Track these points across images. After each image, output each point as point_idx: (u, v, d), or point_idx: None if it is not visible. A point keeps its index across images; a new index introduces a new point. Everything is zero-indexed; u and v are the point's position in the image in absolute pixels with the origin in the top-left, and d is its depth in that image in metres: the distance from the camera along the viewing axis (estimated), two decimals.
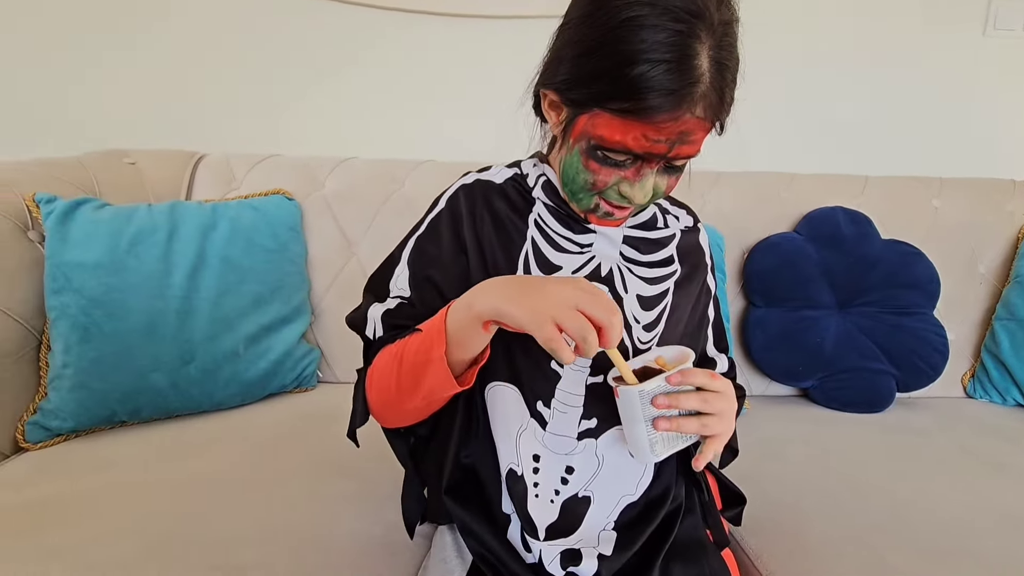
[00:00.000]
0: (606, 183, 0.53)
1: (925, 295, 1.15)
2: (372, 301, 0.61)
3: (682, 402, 0.49)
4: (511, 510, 0.57)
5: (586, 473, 0.57)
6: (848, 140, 1.52)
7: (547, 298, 0.46)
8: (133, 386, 0.90)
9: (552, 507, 0.56)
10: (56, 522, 0.68)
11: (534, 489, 0.56)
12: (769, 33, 1.43)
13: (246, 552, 0.64)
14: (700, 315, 0.67)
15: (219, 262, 1.00)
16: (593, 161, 0.52)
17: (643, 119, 0.47)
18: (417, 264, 0.60)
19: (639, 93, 0.46)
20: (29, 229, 0.92)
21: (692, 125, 0.48)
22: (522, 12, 1.38)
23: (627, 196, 0.53)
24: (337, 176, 1.23)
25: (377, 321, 0.59)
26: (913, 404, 1.17)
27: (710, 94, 0.47)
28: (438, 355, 0.50)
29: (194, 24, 1.35)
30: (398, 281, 0.60)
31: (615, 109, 0.48)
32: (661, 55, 0.45)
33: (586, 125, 0.50)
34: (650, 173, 0.52)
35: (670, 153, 0.49)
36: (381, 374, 0.57)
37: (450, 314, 0.51)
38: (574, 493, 0.57)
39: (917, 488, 0.82)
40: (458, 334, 0.50)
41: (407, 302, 0.59)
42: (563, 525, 0.56)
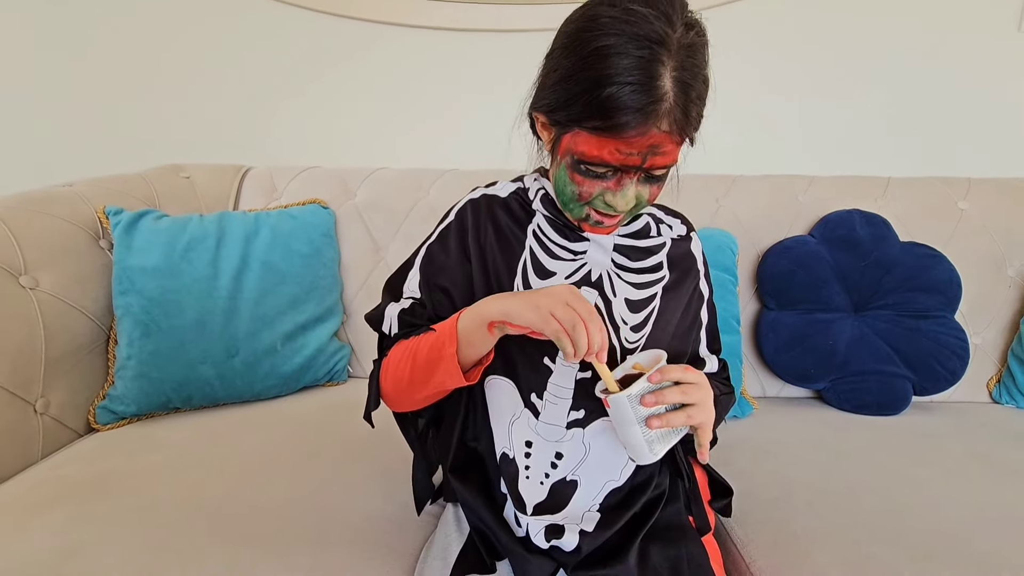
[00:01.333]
0: (591, 193, 0.58)
1: (945, 298, 1.14)
2: (389, 300, 0.69)
3: (666, 396, 0.54)
4: (506, 491, 0.63)
5: (574, 459, 0.62)
6: (872, 141, 1.50)
7: (546, 296, 0.53)
8: (185, 376, 1.01)
9: (542, 488, 0.62)
10: (122, 491, 0.79)
11: (525, 472, 0.63)
12: (794, 33, 1.44)
13: (277, 522, 0.73)
14: (692, 318, 0.71)
15: (260, 266, 1.10)
16: (577, 174, 0.57)
17: (615, 135, 0.52)
18: (428, 270, 0.68)
19: (609, 112, 0.51)
20: (100, 238, 1.05)
21: (660, 139, 0.52)
22: (537, 26, 1.44)
23: (611, 204, 0.58)
24: (368, 186, 1.32)
25: (393, 319, 0.67)
26: (932, 408, 1.15)
27: (674, 110, 0.52)
28: (450, 353, 0.57)
29: (238, 50, 1.49)
30: (410, 283, 0.68)
31: (591, 127, 0.53)
32: (627, 78, 0.50)
33: (569, 143, 0.56)
34: (630, 183, 0.57)
35: (644, 164, 0.54)
36: (396, 366, 0.64)
37: (461, 318, 0.58)
38: (562, 477, 0.62)
39: (915, 488, 0.83)
40: (468, 336, 0.57)
41: (419, 302, 0.66)
42: (551, 504, 0.62)
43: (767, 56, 1.46)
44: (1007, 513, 0.77)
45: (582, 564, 0.60)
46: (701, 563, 0.61)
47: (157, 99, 1.52)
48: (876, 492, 0.81)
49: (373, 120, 1.53)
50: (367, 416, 0.69)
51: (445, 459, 0.68)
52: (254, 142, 1.55)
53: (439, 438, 0.72)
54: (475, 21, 1.45)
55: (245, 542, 0.69)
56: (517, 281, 0.64)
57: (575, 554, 0.60)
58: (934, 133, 1.48)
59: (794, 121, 1.50)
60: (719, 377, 0.74)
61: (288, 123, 1.54)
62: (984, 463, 0.90)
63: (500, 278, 0.65)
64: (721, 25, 1.47)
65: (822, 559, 0.68)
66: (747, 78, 1.47)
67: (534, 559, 0.60)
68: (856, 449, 0.96)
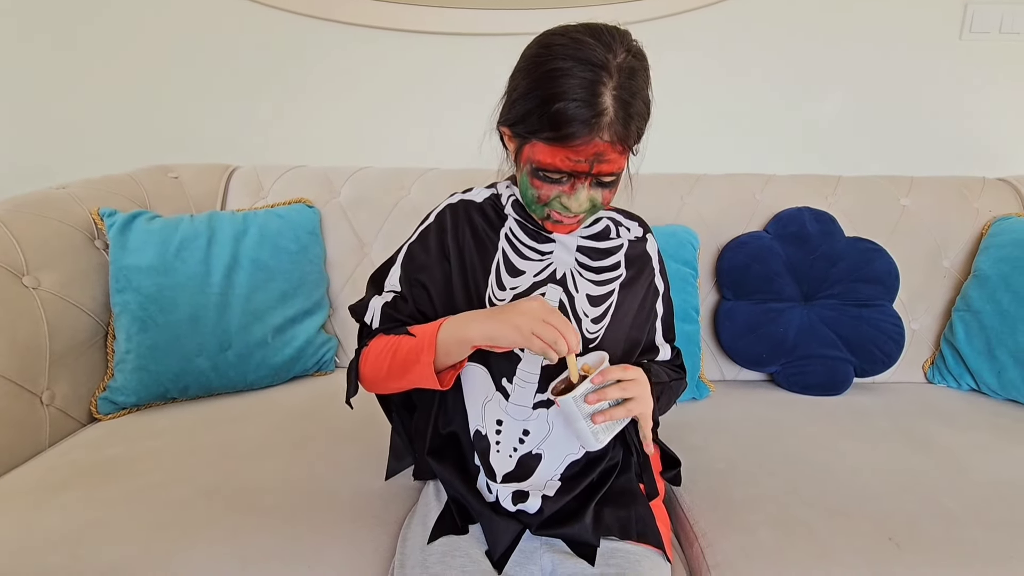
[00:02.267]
0: (549, 196, 0.66)
1: (884, 288, 1.24)
2: (373, 293, 0.77)
3: (607, 394, 0.63)
4: (479, 463, 0.72)
5: (539, 435, 0.71)
6: (830, 141, 1.60)
7: (523, 315, 0.61)
8: (182, 368, 1.08)
9: (511, 461, 0.71)
10: (125, 474, 0.86)
11: (496, 446, 0.71)
12: (754, 36, 1.53)
13: (271, 498, 0.81)
14: (647, 311, 0.79)
15: (250, 263, 1.17)
16: (536, 179, 0.65)
17: (564, 144, 0.60)
18: (409, 267, 0.75)
19: (558, 124, 0.59)
20: (95, 238, 1.10)
21: (603, 148, 0.60)
22: (513, 30, 1.51)
23: (567, 206, 0.66)
24: (351, 185, 1.39)
25: (377, 311, 0.74)
26: (871, 388, 1.27)
27: (615, 124, 0.60)
28: (426, 360, 0.65)
29: (222, 52, 1.53)
30: (392, 279, 0.76)
31: (544, 138, 0.61)
32: (573, 95, 0.58)
33: (528, 152, 0.64)
34: (582, 187, 0.64)
35: (592, 170, 0.62)
36: (376, 358, 0.72)
37: (443, 331, 0.65)
38: (529, 450, 0.71)
39: (840, 458, 0.94)
40: (447, 348, 0.65)
41: (400, 296, 0.74)
42: (518, 474, 0.71)
43: (732, 59, 1.55)
44: (914, 478, 0.89)
45: (544, 524, 0.69)
46: (648, 523, 0.71)
47: (143, 99, 1.56)
48: (807, 462, 0.92)
49: (356, 120, 1.59)
50: (348, 401, 0.77)
51: (423, 444, 0.77)
52: (239, 141, 1.60)
53: (415, 425, 0.81)
54: (453, 25, 1.51)
55: (245, 516, 0.77)
56: (491, 279, 0.72)
57: (538, 516, 0.69)
58: (884, 133, 1.58)
59: (759, 121, 1.59)
60: (672, 364, 0.83)
61: (272, 123, 1.59)
62: (905, 436, 1.02)
63: (476, 275, 0.73)
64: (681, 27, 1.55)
65: (754, 519, 0.78)
66: (713, 80, 1.56)
67: (502, 521, 0.69)
68: (797, 426, 1.06)
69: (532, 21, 1.51)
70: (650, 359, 0.79)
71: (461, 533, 0.70)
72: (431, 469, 0.77)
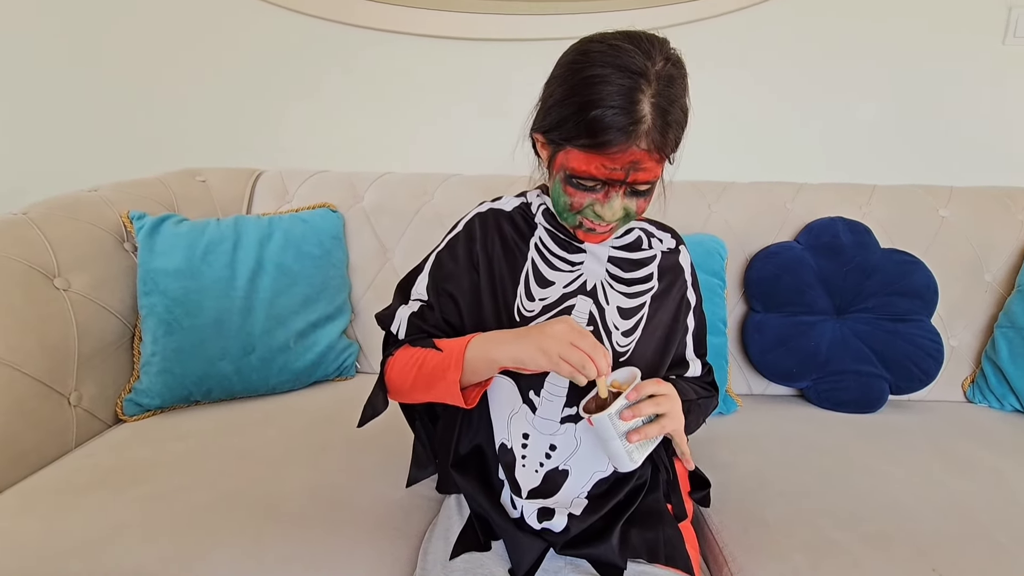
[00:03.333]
0: (581, 204, 0.64)
1: (922, 302, 1.20)
2: (400, 302, 0.76)
3: (641, 409, 0.61)
4: (504, 477, 0.70)
5: (566, 451, 0.69)
6: (862, 149, 1.55)
7: (551, 339, 0.59)
8: (205, 372, 1.08)
9: (536, 476, 0.69)
10: (148, 477, 0.86)
11: (522, 460, 0.70)
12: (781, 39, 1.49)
13: (291, 505, 0.80)
14: (678, 325, 0.77)
15: (274, 268, 1.17)
16: (569, 187, 0.64)
17: (600, 152, 0.59)
18: (436, 275, 0.74)
19: (595, 132, 0.58)
20: (125, 241, 1.12)
21: (639, 156, 0.59)
22: (541, 36, 1.50)
23: (600, 215, 0.64)
24: (375, 190, 1.39)
25: (403, 321, 0.74)
26: (907, 407, 1.22)
27: (652, 132, 0.58)
28: (452, 378, 0.64)
29: (251, 58, 1.55)
30: (419, 287, 0.75)
31: (580, 145, 0.60)
32: (611, 102, 0.57)
33: (563, 159, 0.63)
34: (616, 195, 0.63)
35: (627, 179, 0.61)
36: (401, 369, 0.71)
37: (470, 350, 0.64)
38: (555, 466, 0.69)
39: (879, 480, 0.90)
40: (474, 367, 0.64)
41: (427, 305, 0.73)
42: (544, 490, 0.69)
43: (761, 65, 1.51)
44: (957, 503, 0.84)
45: (569, 544, 0.67)
46: (676, 545, 0.68)
47: (171, 103, 1.58)
48: (843, 483, 0.89)
49: (380, 126, 1.59)
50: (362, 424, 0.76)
51: (446, 456, 0.75)
52: (265, 145, 1.62)
53: (439, 436, 0.79)
54: (482, 31, 1.51)
55: (266, 523, 0.77)
56: (520, 289, 0.71)
57: (563, 534, 0.67)
58: (922, 142, 1.53)
59: (789, 129, 1.55)
60: (703, 380, 0.80)
61: (298, 127, 1.60)
62: (946, 458, 0.97)
63: (504, 286, 0.71)
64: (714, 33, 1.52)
65: (788, 543, 0.75)
66: (741, 87, 1.52)
67: (526, 538, 0.67)
68: (830, 444, 1.03)
69: (557, 27, 1.50)
70: (679, 374, 0.77)
71: (484, 550, 0.68)
72: (454, 482, 0.76)
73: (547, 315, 0.69)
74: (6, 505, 0.80)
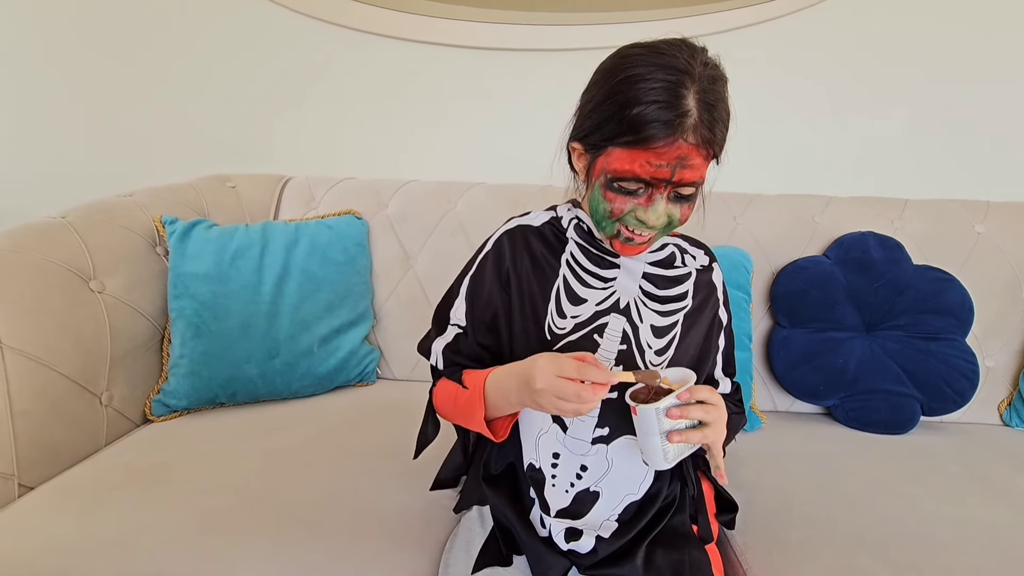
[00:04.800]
0: (622, 210, 0.62)
1: (957, 321, 1.16)
2: (435, 333, 0.76)
3: (690, 412, 0.60)
4: (534, 495, 0.70)
5: (597, 472, 0.68)
6: (892, 162, 1.52)
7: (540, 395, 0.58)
8: (231, 375, 1.10)
9: (566, 496, 0.69)
10: (175, 478, 0.88)
11: (552, 480, 0.69)
12: (811, 49, 1.47)
13: (312, 512, 0.81)
14: (710, 343, 0.75)
15: (300, 273, 1.19)
16: (610, 192, 0.62)
17: (645, 147, 0.58)
18: (472, 299, 0.73)
19: (639, 127, 0.57)
20: (156, 245, 1.14)
21: (687, 151, 0.57)
22: (566, 46, 1.50)
23: (642, 220, 0.62)
24: (399, 197, 1.40)
25: (439, 354, 0.74)
26: (940, 429, 1.18)
27: (700, 127, 0.57)
28: (479, 416, 0.65)
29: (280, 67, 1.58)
30: (457, 312, 0.74)
31: (622, 143, 0.59)
32: (655, 98, 0.56)
33: (603, 163, 0.62)
34: (660, 198, 0.61)
35: (674, 177, 0.59)
36: (442, 402, 0.73)
37: (487, 390, 0.65)
38: (586, 487, 0.68)
39: (909, 505, 0.87)
40: (494, 405, 0.65)
41: (463, 332, 0.73)
42: (573, 511, 0.68)
43: (787, 74, 1.49)
44: (992, 532, 0.81)
45: (593, 564, 0.66)
46: (702, 568, 0.67)
47: (205, 110, 1.62)
48: (871, 507, 0.86)
49: (405, 133, 1.61)
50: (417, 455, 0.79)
51: (476, 471, 0.76)
52: (293, 152, 1.65)
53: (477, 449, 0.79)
54: (504, 41, 1.52)
55: (287, 529, 0.77)
56: (551, 307, 0.70)
57: (590, 556, 0.66)
58: (956, 155, 1.49)
59: (815, 140, 1.53)
60: (732, 399, 0.79)
61: (324, 134, 1.63)
62: (980, 483, 0.94)
63: (535, 303, 0.70)
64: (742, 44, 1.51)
65: (812, 568, 0.73)
66: (768, 96, 1.51)
67: (551, 555, 0.66)
68: (858, 466, 1.00)
69: (582, 37, 1.50)
70: None
71: (506, 564, 0.67)
72: (477, 497, 0.76)
73: (579, 333, 0.68)
74: (40, 501, 0.83)
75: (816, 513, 0.84)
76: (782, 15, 1.46)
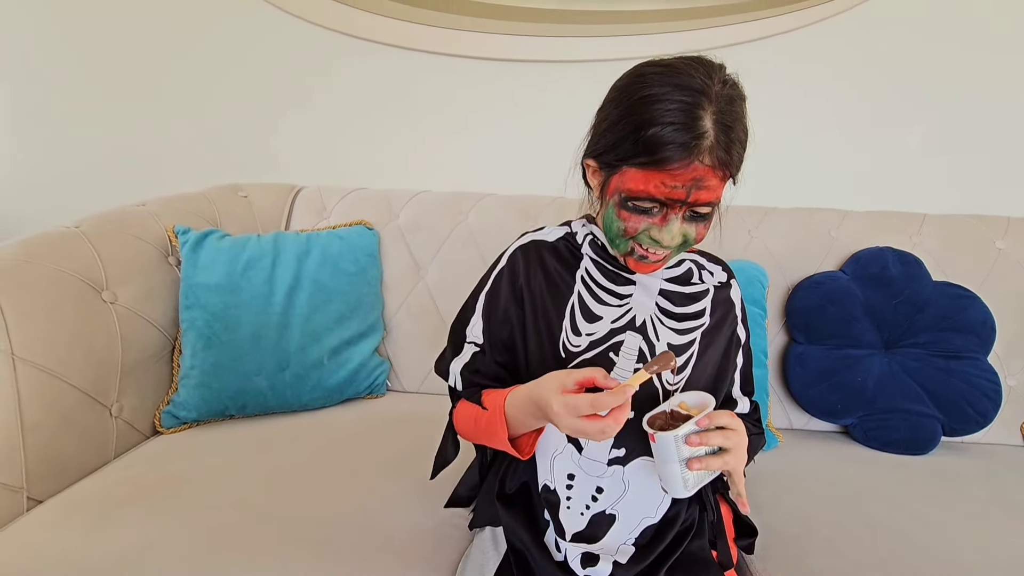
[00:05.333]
0: (636, 229, 0.62)
1: (978, 339, 1.14)
2: (451, 353, 0.74)
3: (710, 439, 0.58)
4: (548, 517, 0.69)
5: (613, 495, 0.67)
6: (910, 176, 1.50)
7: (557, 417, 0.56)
8: (241, 387, 1.09)
9: (582, 519, 0.67)
10: (184, 493, 0.87)
11: (567, 502, 0.67)
12: (828, 62, 1.46)
13: (320, 530, 0.80)
14: (728, 362, 0.74)
15: (311, 284, 1.18)
16: (624, 211, 0.61)
17: (660, 169, 0.57)
18: (488, 317, 0.72)
19: (654, 148, 0.56)
20: (169, 255, 1.14)
21: (703, 172, 0.56)
22: (579, 57, 1.50)
23: (656, 239, 0.61)
24: (410, 208, 1.39)
25: (456, 375, 0.73)
26: (962, 449, 1.15)
27: (716, 148, 0.56)
28: (503, 436, 0.63)
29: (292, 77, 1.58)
30: (473, 329, 0.73)
31: (637, 163, 0.58)
32: (671, 119, 0.55)
33: (617, 182, 0.61)
34: (675, 218, 0.60)
35: (689, 198, 0.58)
36: (463, 425, 0.72)
37: (508, 412, 0.63)
38: (602, 510, 0.67)
39: (935, 531, 0.84)
40: (516, 424, 0.63)
41: (480, 350, 0.72)
42: (589, 534, 0.67)
43: (804, 87, 1.48)
44: (1021, 559, 0.78)
45: None
46: None
47: (218, 120, 1.63)
48: (895, 532, 0.83)
49: (416, 144, 1.61)
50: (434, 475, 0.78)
51: (492, 488, 0.74)
52: (304, 161, 1.65)
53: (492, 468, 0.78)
54: (515, 52, 1.51)
55: (296, 548, 0.76)
56: (565, 323, 0.68)
57: None
58: (975, 169, 1.47)
59: (831, 153, 1.51)
60: (750, 419, 0.77)
61: (335, 144, 1.63)
62: (1007, 508, 0.91)
63: (549, 320, 0.69)
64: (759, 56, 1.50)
65: None
66: (784, 109, 1.49)
67: None
68: (879, 488, 0.97)
69: (594, 49, 1.50)
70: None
71: None
72: (490, 516, 0.74)
73: (594, 351, 0.67)
74: (47, 515, 0.82)
75: (838, 538, 0.82)
76: (795, 28, 1.45)
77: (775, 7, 1.45)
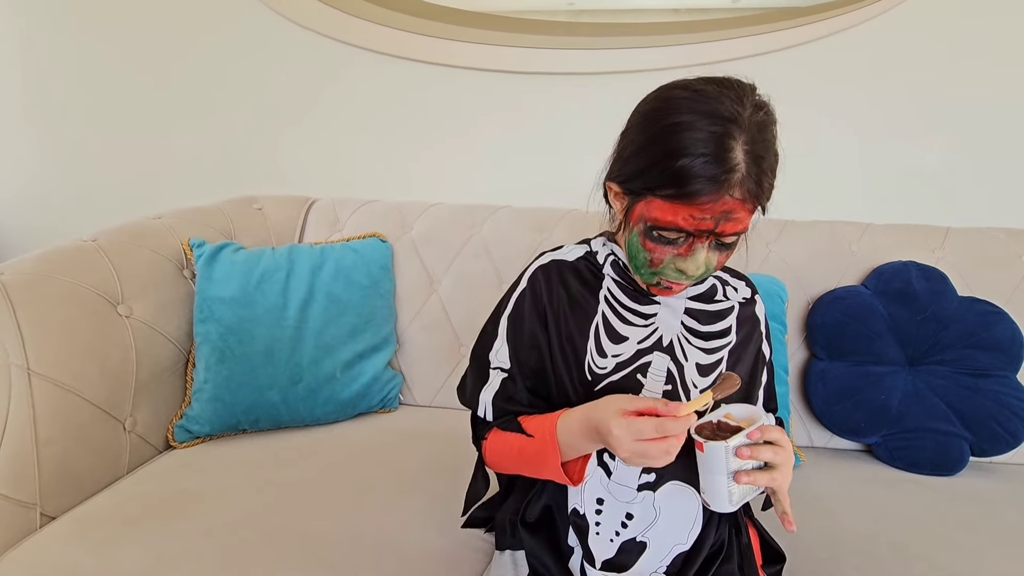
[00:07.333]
0: (662, 260, 0.60)
1: (1007, 357, 1.10)
2: (478, 380, 0.72)
3: (760, 453, 0.56)
4: (575, 543, 0.67)
5: (644, 521, 0.65)
6: (933, 188, 1.47)
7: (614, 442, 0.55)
8: (254, 401, 1.09)
9: (611, 545, 0.65)
10: (198, 510, 0.86)
11: (596, 527, 0.66)
12: (848, 73, 1.44)
13: (335, 551, 0.78)
14: (756, 380, 0.72)
15: (324, 297, 1.18)
16: (649, 241, 0.60)
17: (688, 202, 0.55)
18: (513, 343, 0.70)
19: (683, 181, 0.54)
20: (184, 268, 1.14)
21: (732, 206, 0.55)
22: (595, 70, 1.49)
23: (682, 271, 0.60)
24: (424, 220, 1.39)
25: (487, 405, 0.70)
26: (991, 470, 1.12)
27: (747, 181, 0.54)
28: (555, 464, 0.61)
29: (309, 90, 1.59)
30: (498, 354, 0.71)
31: (665, 195, 0.56)
32: (701, 150, 0.54)
33: (642, 210, 0.60)
34: (701, 248, 0.59)
35: (717, 229, 0.57)
36: (500, 455, 0.69)
37: (560, 437, 0.62)
38: (632, 537, 0.65)
39: (966, 557, 0.81)
40: (568, 450, 0.62)
41: (508, 375, 0.70)
42: (619, 562, 0.65)
43: (825, 98, 1.46)
44: None
45: None
46: None
47: (234, 132, 1.64)
48: (925, 558, 0.81)
49: (430, 156, 1.61)
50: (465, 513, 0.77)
51: (516, 510, 0.72)
52: (318, 174, 1.66)
53: (514, 492, 0.76)
54: (529, 65, 1.51)
55: (308, 568, 0.75)
56: (590, 345, 0.67)
57: None
58: (1000, 182, 1.44)
59: (851, 165, 1.49)
60: None
61: (350, 157, 1.64)
62: None
63: (574, 342, 0.67)
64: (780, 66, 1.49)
65: None
66: (803, 120, 1.47)
67: None
68: (906, 510, 0.94)
69: (608, 61, 1.49)
70: None
71: None
72: (510, 541, 0.72)
73: (621, 373, 0.66)
74: (60, 532, 0.81)
75: (867, 566, 0.79)
76: (816, 38, 1.44)
77: (791, 19, 1.43)
